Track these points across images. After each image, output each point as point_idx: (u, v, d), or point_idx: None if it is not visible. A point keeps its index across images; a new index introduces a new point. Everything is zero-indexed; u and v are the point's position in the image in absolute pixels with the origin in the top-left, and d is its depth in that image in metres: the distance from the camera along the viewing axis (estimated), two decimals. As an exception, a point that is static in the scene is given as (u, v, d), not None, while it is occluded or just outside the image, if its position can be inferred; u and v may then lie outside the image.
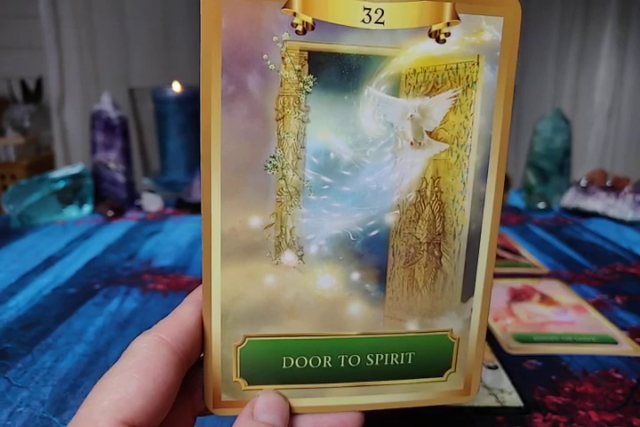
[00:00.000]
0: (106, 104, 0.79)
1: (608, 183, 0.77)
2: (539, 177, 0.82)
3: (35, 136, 1.62)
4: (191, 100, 0.83)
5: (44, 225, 0.71)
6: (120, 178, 0.80)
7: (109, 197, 0.80)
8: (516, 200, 0.87)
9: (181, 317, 0.20)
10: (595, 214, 0.76)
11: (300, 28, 0.18)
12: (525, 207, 0.83)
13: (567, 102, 1.74)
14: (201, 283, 0.19)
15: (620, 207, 0.73)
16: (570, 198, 0.79)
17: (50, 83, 1.58)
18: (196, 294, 0.20)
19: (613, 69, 1.73)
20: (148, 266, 0.55)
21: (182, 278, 0.51)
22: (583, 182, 0.78)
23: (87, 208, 0.77)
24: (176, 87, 0.84)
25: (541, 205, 0.80)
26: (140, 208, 0.80)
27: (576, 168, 1.24)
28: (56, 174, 0.75)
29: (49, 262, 0.56)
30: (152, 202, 0.79)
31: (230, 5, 0.17)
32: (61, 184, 0.73)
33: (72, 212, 0.75)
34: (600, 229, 0.71)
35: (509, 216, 0.78)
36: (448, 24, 0.18)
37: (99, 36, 1.54)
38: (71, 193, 0.75)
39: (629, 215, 0.72)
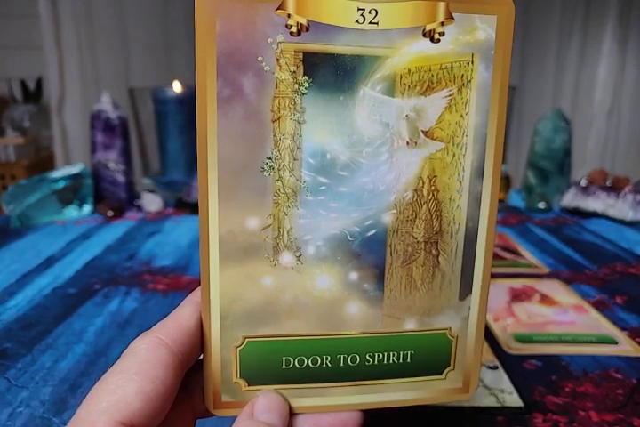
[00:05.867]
0: (106, 104, 0.79)
1: (608, 183, 0.77)
2: (539, 177, 0.82)
3: (35, 136, 1.62)
4: (191, 100, 0.83)
5: (43, 225, 0.71)
6: (120, 178, 0.80)
7: (109, 197, 0.80)
8: (516, 200, 0.87)
9: (180, 318, 0.20)
10: (595, 214, 0.76)
11: (294, 29, 0.18)
12: (525, 207, 0.83)
13: (567, 102, 1.74)
14: (200, 284, 0.20)
15: (620, 207, 0.73)
16: (570, 198, 0.79)
17: (50, 83, 1.58)
18: (195, 295, 0.20)
19: (614, 69, 1.73)
20: (148, 266, 0.55)
21: (182, 278, 0.51)
22: (583, 182, 0.78)
23: (87, 208, 0.77)
24: (176, 87, 0.84)
25: (541, 205, 0.80)
26: (139, 208, 0.80)
27: (576, 168, 1.24)
28: (56, 174, 0.75)
29: (49, 262, 0.56)
30: (152, 202, 0.79)
31: (224, 8, 0.17)
32: (61, 184, 0.73)
33: (72, 212, 0.75)
34: (600, 229, 0.71)
35: (509, 216, 0.78)
36: (442, 23, 0.18)
37: (99, 36, 1.54)
38: (71, 193, 0.75)
39: (629, 215, 0.72)
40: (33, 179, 0.74)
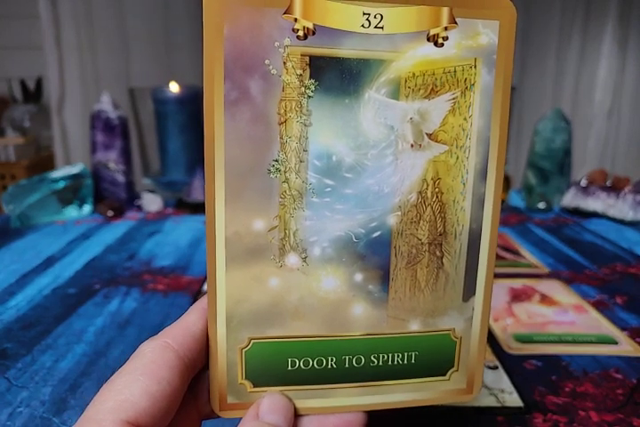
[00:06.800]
0: (106, 104, 0.79)
1: (608, 183, 0.77)
2: (539, 177, 0.82)
3: (35, 136, 1.62)
4: (191, 101, 0.83)
5: (43, 225, 0.71)
6: (120, 178, 0.80)
7: (109, 197, 0.80)
8: (516, 200, 0.87)
9: (187, 324, 0.20)
10: (595, 214, 0.76)
11: (301, 33, 0.18)
12: (525, 207, 0.83)
13: (567, 102, 1.74)
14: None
15: (620, 207, 0.73)
16: (570, 198, 0.79)
17: (50, 83, 1.58)
18: (202, 302, 0.21)
19: (614, 69, 1.73)
20: (148, 266, 0.55)
21: (182, 278, 0.51)
22: (583, 182, 0.79)
23: (87, 208, 0.77)
24: (173, 87, 0.84)
25: (541, 205, 0.80)
26: (139, 208, 0.80)
27: (576, 168, 1.24)
28: (56, 174, 0.75)
29: (49, 262, 0.56)
30: (152, 202, 0.79)
31: (232, 13, 0.17)
32: (61, 184, 0.73)
33: (72, 212, 0.75)
34: (600, 229, 0.71)
35: (509, 216, 0.78)
36: (446, 28, 0.19)
37: (99, 36, 1.54)
38: (71, 193, 0.75)
39: (629, 215, 0.72)
40: (33, 179, 0.73)
